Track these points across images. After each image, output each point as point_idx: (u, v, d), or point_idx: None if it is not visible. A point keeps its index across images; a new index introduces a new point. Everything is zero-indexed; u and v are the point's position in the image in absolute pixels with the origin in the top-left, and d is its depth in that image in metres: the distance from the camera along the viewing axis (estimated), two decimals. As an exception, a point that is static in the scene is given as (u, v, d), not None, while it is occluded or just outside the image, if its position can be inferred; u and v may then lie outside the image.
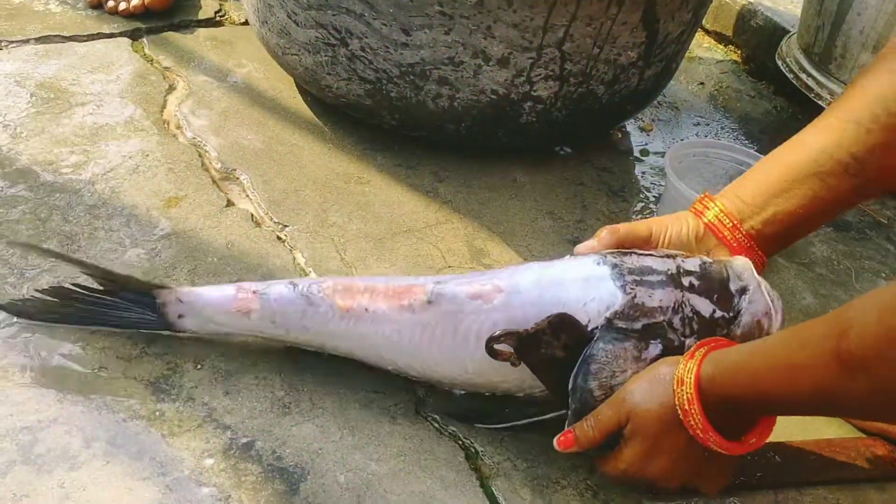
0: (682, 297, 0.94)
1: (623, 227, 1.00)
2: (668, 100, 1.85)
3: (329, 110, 1.55)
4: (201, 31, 1.75)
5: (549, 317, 0.85)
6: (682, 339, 0.93)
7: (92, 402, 0.99)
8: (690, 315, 0.93)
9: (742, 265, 0.97)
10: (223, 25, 1.79)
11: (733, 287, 0.95)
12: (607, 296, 0.92)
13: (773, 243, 1.00)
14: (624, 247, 0.99)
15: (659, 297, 0.93)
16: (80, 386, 1.00)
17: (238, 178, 1.37)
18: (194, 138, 1.44)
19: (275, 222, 1.30)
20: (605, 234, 1.00)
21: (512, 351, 0.87)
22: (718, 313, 0.94)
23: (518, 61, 1.32)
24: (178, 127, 1.46)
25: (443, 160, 1.49)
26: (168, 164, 1.36)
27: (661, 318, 0.92)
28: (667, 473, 0.89)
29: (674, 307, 0.93)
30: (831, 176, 0.94)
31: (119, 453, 0.94)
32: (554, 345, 0.86)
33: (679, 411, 0.85)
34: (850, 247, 1.48)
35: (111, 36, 1.67)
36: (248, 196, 1.34)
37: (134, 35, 1.69)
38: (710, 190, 1.06)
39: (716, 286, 0.95)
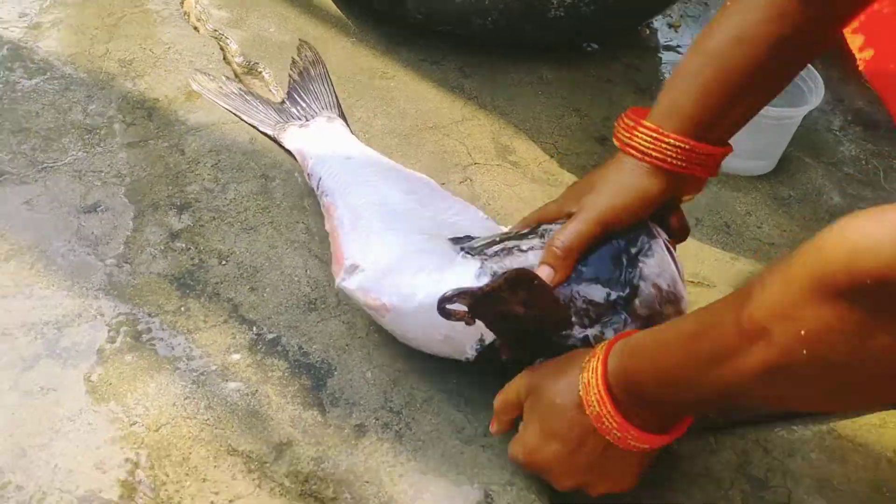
0: (570, 291, 0.84)
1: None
2: (696, -4, 1.77)
3: (353, 4, 1.48)
4: (222, -77, 1.67)
5: (504, 273, 0.79)
6: (586, 330, 0.84)
7: (117, 297, 0.95)
8: (584, 306, 0.84)
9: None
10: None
11: (625, 257, 0.85)
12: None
13: (712, 129, 0.87)
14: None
15: None
16: (104, 280, 0.97)
17: (260, 73, 1.31)
18: (215, 31, 1.37)
19: (298, 117, 1.24)
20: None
21: (465, 310, 0.82)
22: (613, 294, 0.84)
23: (547, -48, 1.24)
24: (199, 19, 1.39)
25: (469, 56, 1.42)
26: (189, 58, 1.30)
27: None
28: (561, 465, 0.80)
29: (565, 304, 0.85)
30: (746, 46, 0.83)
31: (144, 348, 0.91)
32: (512, 301, 0.81)
33: (589, 414, 0.76)
34: (878, 146, 1.41)
35: (130, -73, 1.59)
36: (270, 91, 1.28)
37: (153, -74, 1.61)
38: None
39: (604, 264, 0.85)
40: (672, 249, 0.87)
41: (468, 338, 0.87)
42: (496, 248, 0.89)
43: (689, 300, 0.86)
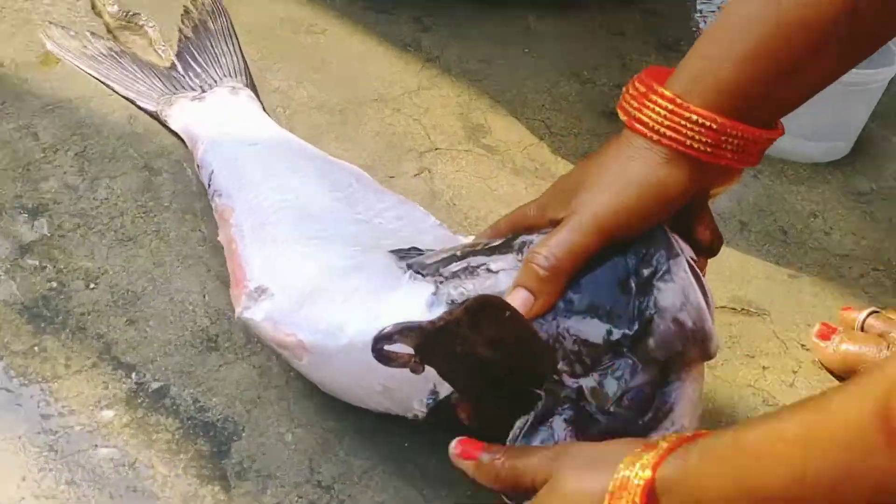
0: (557, 327, 0.85)
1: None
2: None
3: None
4: None
5: (464, 302, 0.80)
6: (577, 382, 0.85)
7: (-54, 334, 0.99)
8: (575, 348, 0.84)
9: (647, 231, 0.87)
10: None
11: (634, 281, 0.85)
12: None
13: (756, 106, 0.88)
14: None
15: None
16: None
17: (141, 27, 1.35)
18: (81, -30, 1.41)
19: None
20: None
21: (410, 353, 0.83)
22: (617, 332, 0.84)
23: None
24: (58, -46, 1.43)
25: (429, 2, 1.46)
26: (45, 7, 1.33)
27: None
28: None
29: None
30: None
31: (-16, 403, 0.95)
32: (474, 340, 0.81)
33: None
34: None
35: None
36: (155, 51, 1.32)
37: None
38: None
39: (604, 290, 0.86)
40: (698, 271, 0.87)
41: (416, 389, 0.88)
42: (456, 266, 0.90)
43: (734, 333, 0.87)
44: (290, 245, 0.97)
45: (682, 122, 0.84)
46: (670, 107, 0.84)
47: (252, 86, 1.24)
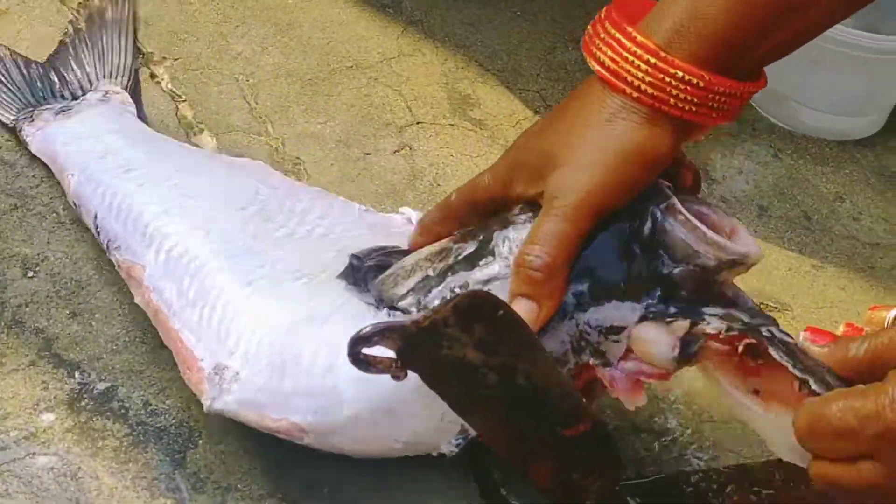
0: (576, 325, 0.86)
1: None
2: None
3: None
4: None
5: (453, 298, 0.80)
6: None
7: None
8: (604, 339, 0.86)
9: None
10: None
11: (636, 245, 0.86)
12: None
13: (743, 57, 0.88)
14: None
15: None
16: None
17: (5, 10, 1.32)
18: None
19: (147, 52, 1.29)
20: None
21: (391, 357, 0.83)
22: (640, 305, 0.85)
23: None
24: None
25: (410, -43, 1.47)
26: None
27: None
28: None
29: (573, 349, 0.87)
30: None
31: None
32: (462, 341, 0.82)
33: None
34: None
35: None
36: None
37: None
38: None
39: (608, 267, 0.86)
40: (694, 199, 0.89)
41: (441, 434, 0.89)
42: (437, 292, 0.89)
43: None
44: (231, 299, 0.94)
45: (667, 80, 0.84)
46: (653, 61, 0.84)
47: (133, 87, 1.20)
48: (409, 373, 0.81)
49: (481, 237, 0.89)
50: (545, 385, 0.83)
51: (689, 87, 0.83)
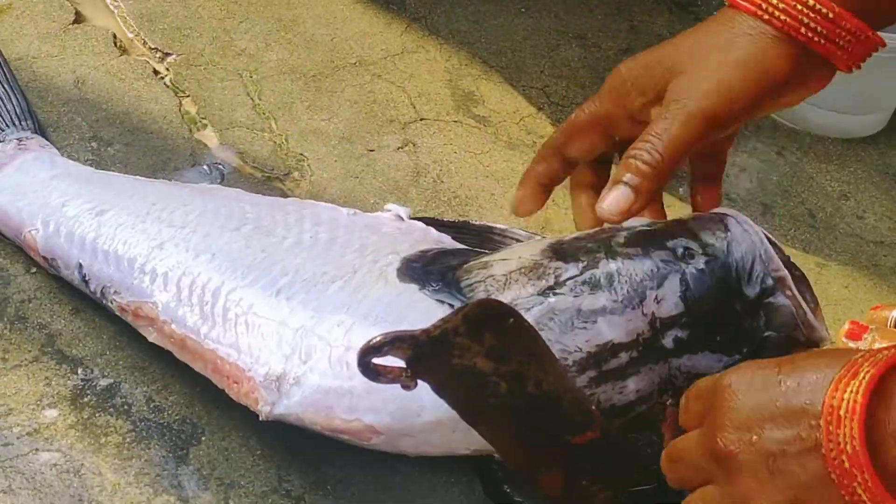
0: (668, 369, 0.88)
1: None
2: None
3: None
4: None
5: (463, 307, 0.80)
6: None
7: None
8: (688, 384, 0.83)
9: (741, 233, 0.89)
10: None
11: (739, 304, 0.87)
12: None
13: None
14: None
15: (633, 388, 0.88)
16: None
17: None
18: None
19: (150, 48, 1.29)
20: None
21: (402, 366, 0.83)
22: (730, 360, 0.87)
23: None
24: None
25: (413, -47, 1.47)
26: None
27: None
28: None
29: (658, 390, 0.88)
30: None
31: (-89, 401, 0.95)
32: (473, 350, 0.82)
33: (826, 453, 0.77)
34: None
35: None
36: (107, 6, 1.32)
37: None
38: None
39: (710, 320, 0.88)
40: (800, 275, 0.91)
41: None
42: (534, 308, 0.89)
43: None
44: (265, 309, 0.94)
45: (798, 7, 0.85)
46: None
47: (40, 128, 1.16)
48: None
49: (584, 262, 0.90)
50: (555, 393, 0.83)
51: (818, 17, 0.84)
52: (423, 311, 0.90)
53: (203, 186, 1.09)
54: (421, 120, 1.27)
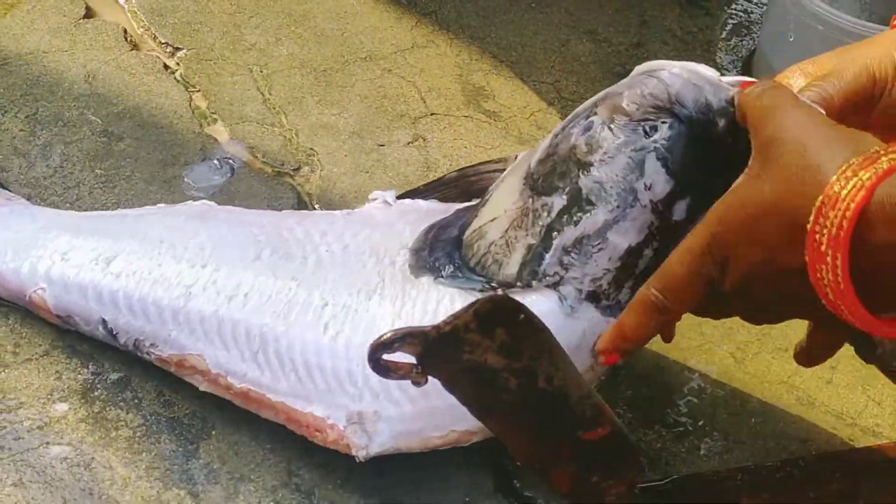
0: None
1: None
2: None
3: None
4: None
5: (474, 303, 0.80)
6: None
7: None
8: (617, 264, 0.88)
9: (678, 81, 0.87)
10: None
11: (720, 125, 0.86)
12: None
13: None
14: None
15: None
16: None
17: None
18: None
19: (161, 43, 1.29)
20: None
21: (413, 363, 0.83)
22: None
23: None
24: None
25: (424, -52, 1.47)
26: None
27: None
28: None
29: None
30: None
31: (-78, 395, 0.95)
32: (484, 346, 0.82)
33: (806, 242, 0.78)
34: None
35: None
36: (118, 1, 1.33)
37: None
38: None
39: (703, 164, 0.87)
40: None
41: None
42: (545, 254, 0.89)
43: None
44: (320, 348, 0.92)
45: None
46: None
47: None
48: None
49: (566, 188, 0.89)
50: (566, 388, 0.83)
51: None
52: (461, 304, 0.87)
53: (192, 208, 1.05)
54: (431, 115, 1.27)
